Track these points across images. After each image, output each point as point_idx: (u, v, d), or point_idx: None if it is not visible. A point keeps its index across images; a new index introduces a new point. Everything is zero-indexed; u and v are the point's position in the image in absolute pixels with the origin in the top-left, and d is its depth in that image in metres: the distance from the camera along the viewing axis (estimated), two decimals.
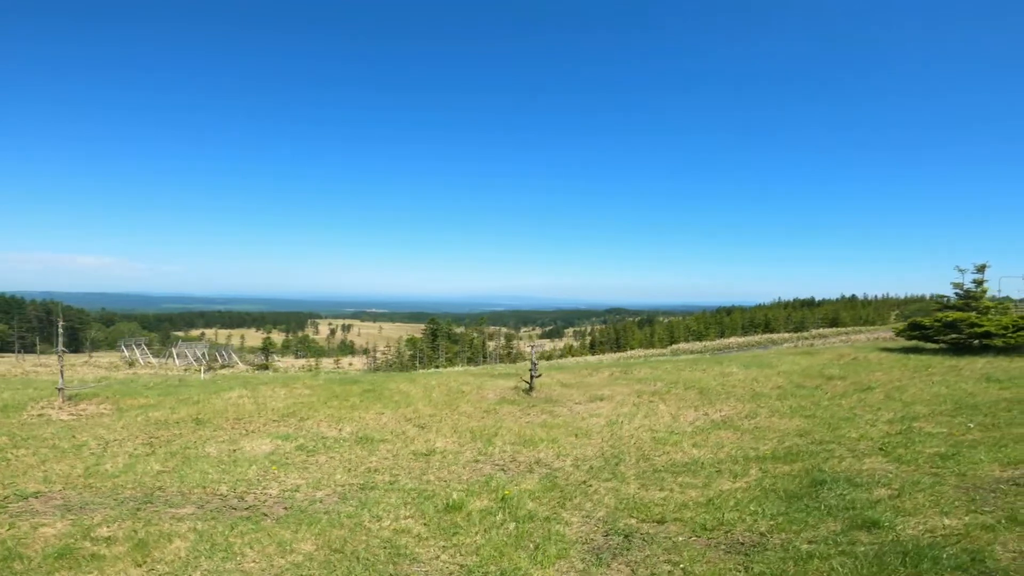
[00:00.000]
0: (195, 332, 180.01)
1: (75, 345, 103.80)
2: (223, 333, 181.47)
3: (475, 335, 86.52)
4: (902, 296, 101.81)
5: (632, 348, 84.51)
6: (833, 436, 8.18)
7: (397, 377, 16.84)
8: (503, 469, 7.56)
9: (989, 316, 15.34)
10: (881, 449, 7.21)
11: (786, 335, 55.91)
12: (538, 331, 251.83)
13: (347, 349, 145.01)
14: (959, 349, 15.40)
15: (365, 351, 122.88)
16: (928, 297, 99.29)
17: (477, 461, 7.97)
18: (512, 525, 5.38)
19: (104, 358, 77.07)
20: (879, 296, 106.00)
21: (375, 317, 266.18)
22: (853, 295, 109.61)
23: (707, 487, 6.30)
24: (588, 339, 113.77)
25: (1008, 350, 14.56)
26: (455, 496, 6.15)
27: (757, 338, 51.64)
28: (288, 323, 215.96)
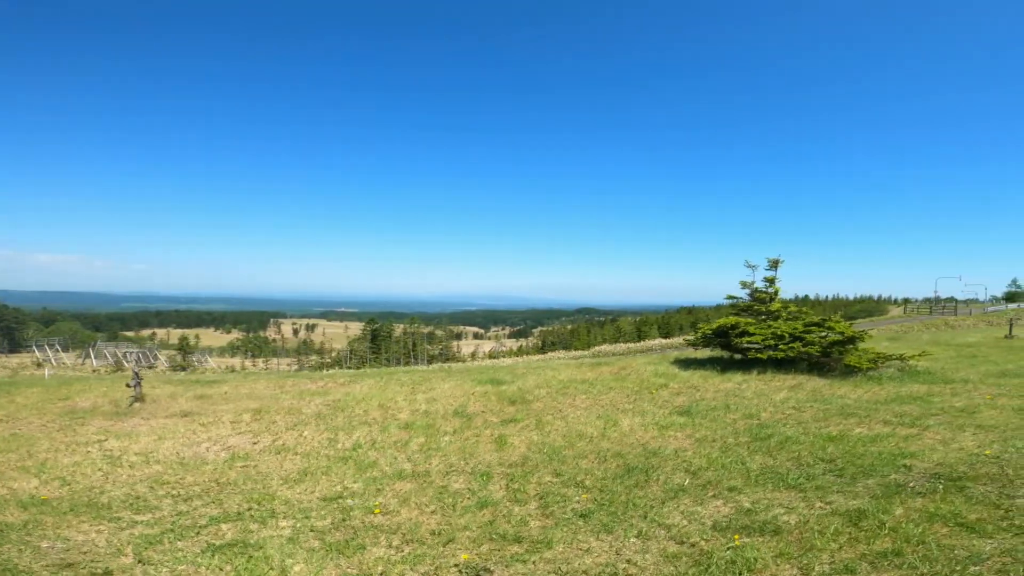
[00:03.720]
0: (146, 332, 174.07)
1: (12, 345, 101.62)
2: (177, 333, 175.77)
3: (404, 336, 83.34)
4: (851, 297, 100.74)
5: (578, 348, 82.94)
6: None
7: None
8: None
9: (768, 323, 12.76)
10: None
11: (663, 341, 54.08)
12: (507, 330, 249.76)
13: (307, 349, 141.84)
14: (747, 361, 12.79)
15: (319, 351, 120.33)
16: (877, 298, 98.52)
17: None
18: None
19: (15, 359, 73.10)
20: (829, 297, 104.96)
21: (343, 317, 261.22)
22: (805, 295, 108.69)
23: None
24: (539, 340, 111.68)
25: (782, 364, 11.98)
26: None
27: (653, 343, 49.46)
28: (250, 322, 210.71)
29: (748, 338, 12.29)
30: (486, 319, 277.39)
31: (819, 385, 10.37)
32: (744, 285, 13.86)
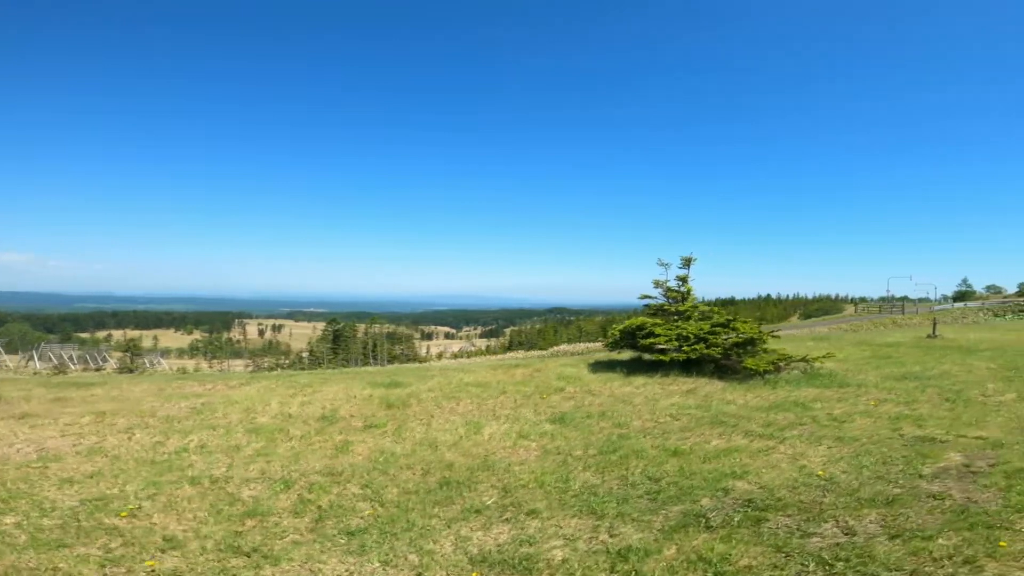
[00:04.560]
0: (102, 333, 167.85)
1: None
2: (135, 334, 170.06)
3: (366, 336, 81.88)
4: (810, 296, 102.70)
5: (541, 348, 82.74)
6: None
7: None
8: None
9: (677, 324, 12.28)
10: None
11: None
12: (479, 330, 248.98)
13: (272, 350, 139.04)
14: (656, 364, 12.27)
15: (285, 352, 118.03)
16: (834, 297, 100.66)
17: None
18: None
19: None
20: (789, 296, 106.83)
21: (311, 317, 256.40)
22: (768, 295, 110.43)
23: None
24: (505, 339, 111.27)
25: (691, 365, 11.49)
26: None
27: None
28: (213, 323, 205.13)
29: (654, 339, 11.79)
30: (458, 319, 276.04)
31: (714, 389, 9.89)
32: (657, 284, 13.35)
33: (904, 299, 70.00)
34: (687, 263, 13.23)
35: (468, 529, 4.41)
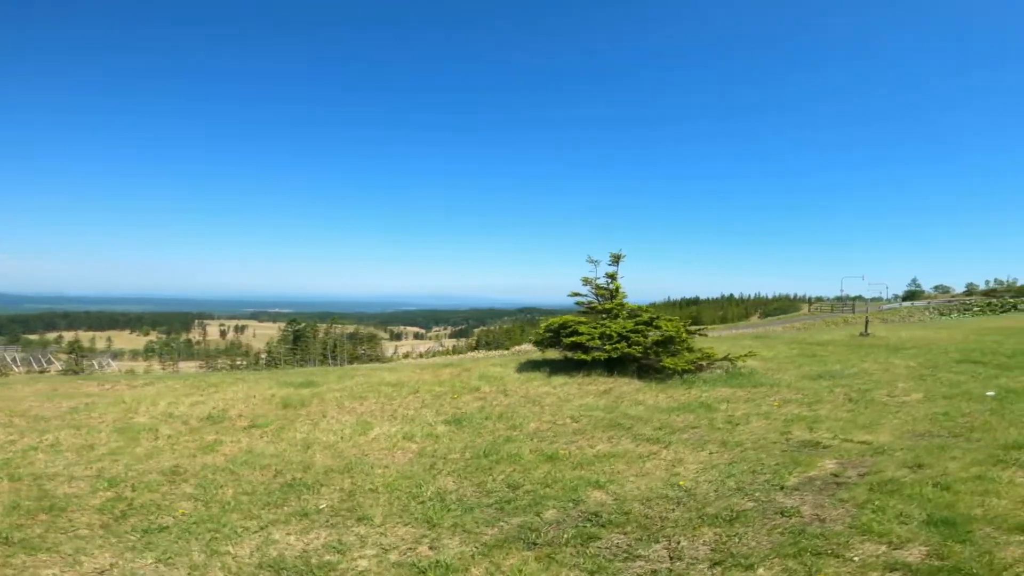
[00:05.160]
0: (52, 335, 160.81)
1: None
2: (87, 335, 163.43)
3: (327, 336, 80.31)
4: (770, 296, 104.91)
5: (507, 347, 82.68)
6: None
7: None
8: None
9: (602, 322, 11.99)
10: None
11: None
12: (449, 330, 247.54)
13: (231, 351, 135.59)
14: (581, 363, 11.95)
15: (245, 353, 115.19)
16: (792, 297, 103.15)
17: None
18: None
19: None
20: (751, 296, 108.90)
21: (276, 317, 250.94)
22: (731, 295, 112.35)
23: None
24: (474, 339, 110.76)
25: (615, 364, 11.20)
26: None
27: None
28: (172, 324, 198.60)
29: (577, 337, 11.46)
30: (428, 319, 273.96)
31: (629, 390, 9.62)
32: (586, 281, 13.03)
33: (858, 298, 72.22)
34: (616, 260, 12.95)
35: (283, 533, 4.17)
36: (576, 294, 13.37)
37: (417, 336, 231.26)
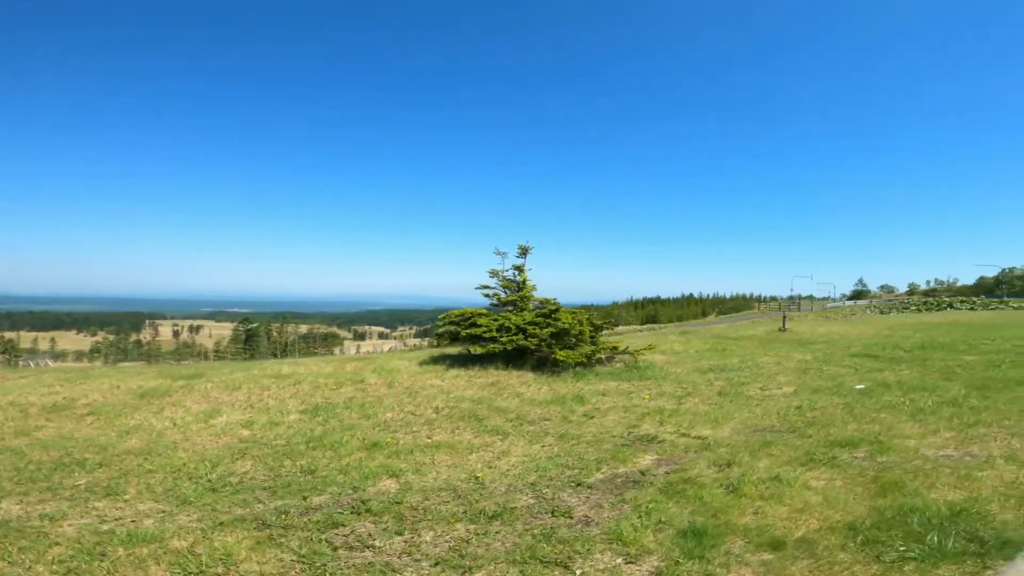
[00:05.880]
0: None
1: None
2: (29, 336, 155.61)
3: (280, 335, 78.75)
4: (728, 296, 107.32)
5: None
6: None
7: None
8: None
9: (504, 314, 11.76)
10: None
11: None
12: (414, 329, 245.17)
13: (183, 351, 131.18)
14: (484, 356, 11.70)
15: (199, 353, 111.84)
16: (747, 296, 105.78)
17: None
18: None
19: None
20: (710, 295, 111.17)
21: (233, 317, 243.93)
22: (691, 294, 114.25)
23: None
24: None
25: (516, 357, 10.98)
26: None
27: None
28: (121, 324, 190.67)
29: (476, 329, 11.20)
30: (394, 319, 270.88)
31: (515, 382, 9.41)
32: (493, 274, 12.77)
33: (809, 297, 74.47)
34: (524, 252, 12.73)
35: (14, 503, 4.06)
36: (484, 287, 13.10)
37: (381, 336, 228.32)
